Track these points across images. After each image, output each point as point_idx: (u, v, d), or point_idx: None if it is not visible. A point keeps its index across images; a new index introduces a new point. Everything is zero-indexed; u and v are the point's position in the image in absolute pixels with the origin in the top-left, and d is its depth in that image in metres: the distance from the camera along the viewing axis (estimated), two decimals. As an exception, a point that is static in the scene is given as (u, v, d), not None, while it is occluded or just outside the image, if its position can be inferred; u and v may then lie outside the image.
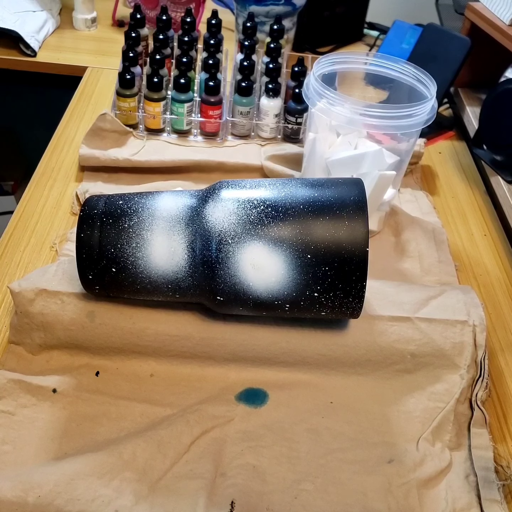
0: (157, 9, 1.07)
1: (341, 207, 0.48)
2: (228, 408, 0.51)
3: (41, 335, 0.53)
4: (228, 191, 0.50)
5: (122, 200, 0.52)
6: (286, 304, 0.50)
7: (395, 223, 0.71)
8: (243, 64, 0.81)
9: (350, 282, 0.48)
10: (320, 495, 0.46)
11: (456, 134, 0.93)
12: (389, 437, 0.51)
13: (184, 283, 0.50)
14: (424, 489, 0.47)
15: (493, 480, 0.48)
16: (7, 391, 0.50)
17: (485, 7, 0.86)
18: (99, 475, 0.45)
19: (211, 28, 0.88)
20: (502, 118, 0.76)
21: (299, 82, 0.81)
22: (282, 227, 0.48)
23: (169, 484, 0.46)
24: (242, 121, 0.82)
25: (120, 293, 0.52)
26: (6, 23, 0.98)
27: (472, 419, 0.52)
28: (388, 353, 0.53)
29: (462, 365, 0.53)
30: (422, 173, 0.83)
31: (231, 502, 0.45)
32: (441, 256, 0.68)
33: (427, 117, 0.61)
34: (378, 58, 0.68)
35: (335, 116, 0.61)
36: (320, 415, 0.52)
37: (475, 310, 0.55)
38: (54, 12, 1.11)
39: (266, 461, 0.48)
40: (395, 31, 1.08)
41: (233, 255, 0.48)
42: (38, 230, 0.67)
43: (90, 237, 0.50)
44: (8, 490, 0.43)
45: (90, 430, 0.49)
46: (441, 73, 0.80)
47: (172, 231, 0.49)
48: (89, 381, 0.52)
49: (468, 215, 0.78)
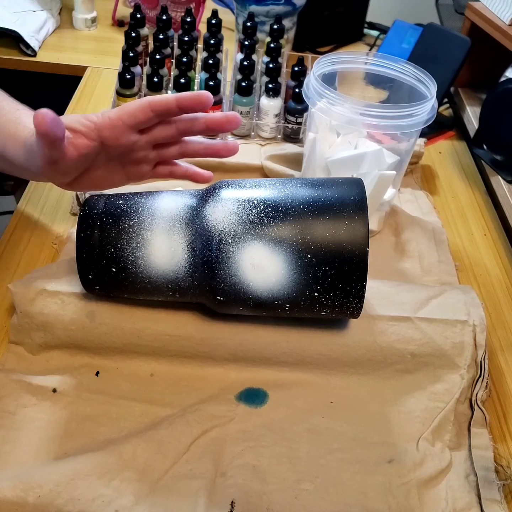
0: (157, 8, 1.07)
1: (341, 207, 0.48)
2: (228, 408, 0.51)
3: (41, 335, 0.53)
4: (228, 191, 0.50)
5: (122, 200, 0.52)
6: (286, 304, 0.50)
7: (395, 223, 0.71)
8: (243, 64, 0.81)
9: (350, 282, 0.48)
10: (320, 495, 0.46)
11: (456, 134, 0.93)
12: (389, 437, 0.51)
13: (184, 283, 0.50)
14: (424, 489, 0.47)
15: (493, 480, 0.48)
16: (7, 391, 0.50)
17: (485, 6, 0.86)
18: (99, 475, 0.45)
19: (211, 28, 0.88)
20: (502, 118, 0.76)
21: (299, 82, 0.81)
22: (282, 227, 0.48)
23: (169, 484, 0.46)
24: (242, 121, 0.82)
25: (120, 293, 0.52)
26: (6, 23, 0.98)
27: (472, 419, 0.52)
28: (388, 353, 0.53)
29: (462, 365, 0.53)
30: (422, 173, 0.83)
31: (231, 502, 0.45)
32: (441, 256, 0.68)
33: (427, 117, 0.61)
34: (378, 58, 0.68)
35: (335, 116, 0.61)
36: (320, 415, 0.52)
37: (475, 310, 0.55)
38: (54, 12, 1.11)
39: (266, 461, 0.48)
40: (395, 31, 1.08)
41: (233, 255, 0.48)
42: (38, 230, 0.67)
43: (90, 237, 0.50)
44: (8, 490, 0.43)
45: (90, 430, 0.49)
46: (441, 73, 0.80)
47: (172, 231, 0.49)
48: (89, 381, 0.52)
49: (468, 215, 0.78)
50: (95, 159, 0.52)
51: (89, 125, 0.49)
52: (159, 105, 0.49)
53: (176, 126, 0.52)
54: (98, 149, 0.50)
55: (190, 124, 0.52)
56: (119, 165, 0.55)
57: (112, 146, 0.51)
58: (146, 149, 0.53)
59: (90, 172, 0.53)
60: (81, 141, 0.49)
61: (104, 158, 0.53)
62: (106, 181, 0.56)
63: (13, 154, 0.51)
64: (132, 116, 0.49)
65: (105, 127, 0.49)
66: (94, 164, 0.53)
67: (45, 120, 0.42)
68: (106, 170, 0.54)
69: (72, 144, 0.48)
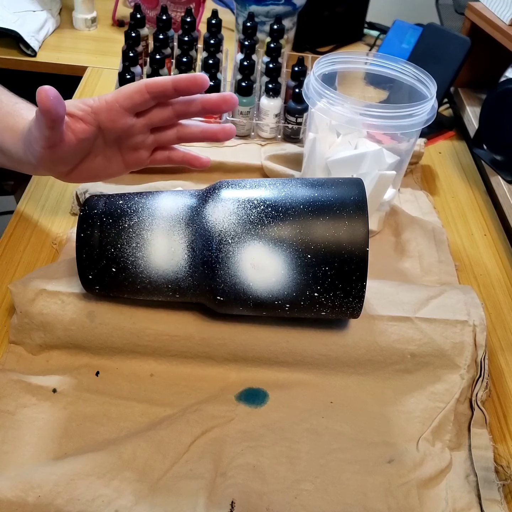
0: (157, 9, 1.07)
1: (341, 207, 0.48)
2: (228, 408, 0.51)
3: (41, 335, 0.53)
4: (228, 191, 0.50)
5: (122, 200, 0.52)
6: (286, 304, 0.50)
7: (395, 223, 0.71)
8: (243, 64, 0.81)
9: (350, 282, 0.48)
10: (320, 495, 0.46)
11: (456, 134, 0.93)
12: (389, 437, 0.51)
13: (184, 283, 0.50)
14: (424, 489, 0.47)
15: (493, 480, 0.48)
16: (7, 391, 0.50)
17: (485, 7, 0.86)
18: (99, 475, 0.45)
19: (211, 28, 0.88)
20: (502, 118, 0.76)
21: (299, 82, 0.81)
22: (282, 227, 0.48)
23: (169, 484, 0.46)
24: (242, 121, 0.82)
25: (120, 293, 0.52)
26: (6, 23, 0.98)
27: (472, 419, 0.52)
28: (388, 353, 0.53)
29: (462, 365, 0.53)
30: (422, 173, 0.83)
31: (231, 502, 0.45)
32: (441, 256, 0.68)
33: (427, 117, 0.61)
34: (378, 58, 0.68)
35: (335, 116, 0.61)
36: (320, 415, 0.52)
37: (475, 310, 0.55)
38: (54, 12, 1.11)
39: (266, 461, 0.48)
40: (395, 31, 1.08)
41: (233, 255, 0.48)
42: (38, 230, 0.67)
43: (90, 237, 0.50)
44: (8, 490, 0.43)
45: (90, 430, 0.49)
46: (441, 73, 0.80)
47: (172, 231, 0.49)
48: (89, 381, 0.52)
49: (468, 215, 0.78)
50: (93, 145, 0.52)
51: (86, 109, 0.49)
52: (156, 87, 0.49)
53: (173, 108, 0.52)
54: (95, 133, 0.50)
55: (187, 106, 0.52)
56: (117, 152, 0.55)
57: (110, 129, 0.50)
58: (143, 133, 0.53)
59: (88, 160, 0.53)
60: (79, 125, 0.48)
61: (102, 144, 0.53)
62: (104, 170, 0.55)
63: (12, 147, 0.51)
64: (129, 98, 0.49)
65: (102, 110, 0.49)
66: (92, 151, 0.52)
67: (48, 96, 0.42)
68: (104, 158, 0.54)
69: (70, 129, 0.48)
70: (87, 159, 0.53)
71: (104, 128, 0.50)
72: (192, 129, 0.55)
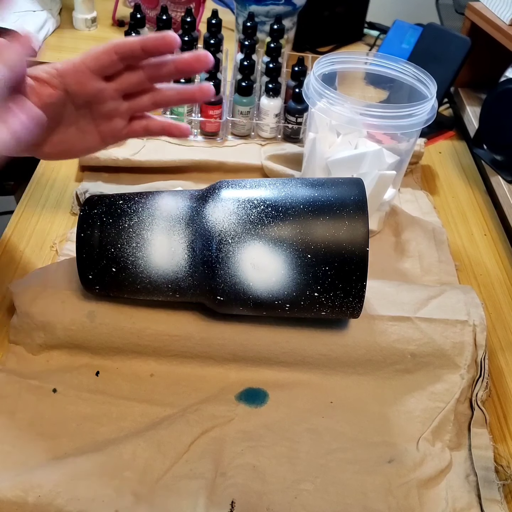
0: (157, 9, 1.07)
1: (341, 207, 0.48)
2: (228, 408, 0.51)
3: (41, 335, 0.53)
4: (228, 191, 0.50)
5: (122, 200, 0.52)
6: (286, 304, 0.50)
7: (395, 223, 0.71)
8: (243, 64, 0.81)
9: (350, 282, 0.48)
10: (320, 495, 0.46)
11: (456, 134, 0.93)
12: (389, 437, 0.51)
13: (184, 283, 0.50)
14: (424, 489, 0.47)
15: (493, 480, 0.48)
16: (7, 391, 0.50)
17: (485, 6, 0.86)
18: (99, 475, 0.45)
19: (211, 28, 0.88)
20: (502, 118, 0.76)
21: (299, 82, 0.81)
22: (282, 227, 0.48)
23: (169, 484, 0.46)
24: (242, 121, 0.82)
25: (120, 293, 0.52)
26: (6, 23, 0.98)
27: (472, 419, 0.52)
28: (388, 353, 0.53)
29: (462, 365, 0.53)
30: (422, 173, 0.83)
31: (231, 502, 0.45)
32: (441, 256, 0.68)
33: (427, 117, 0.61)
34: (378, 58, 0.68)
35: (335, 116, 0.61)
36: (320, 415, 0.52)
37: (475, 310, 0.55)
38: (54, 12, 1.11)
39: (266, 461, 0.48)
40: (395, 31, 1.08)
41: (233, 255, 0.48)
42: (38, 230, 0.67)
43: (90, 237, 0.50)
44: (8, 490, 0.43)
45: (90, 430, 0.49)
46: (441, 73, 0.80)
47: (172, 231, 0.49)
48: (89, 381, 0.52)
49: (468, 215, 0.78)
50: (63, 113, 0.50)
51: (51, 71, 0.47)
52: (123, 47, 0.47)
53: (144, 71, 0.50)
54: (63, 98, 0.48)
55: (158, 68, 0.50)
56: (91, 121, 0.52)
57: (78, 93, 0.48)
58: (115, 99, 0.51)
59: (60, 132, 0.51)
60: (44, 89, 0.46)
61: (73, 112, 0.50)
62: (79, 142, 0.52)
63: None
64: (96, 59, 0.48)
65: (69, 73, 0.47)
66: (63, 120, 0.50)
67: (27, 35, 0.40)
68: (78, 129, 0.52)
69: (35, 93, 0.46)
70: (59, 130, 0.50)
71: (71, 92, 0.48)
72: (168, 93, 0.53)
